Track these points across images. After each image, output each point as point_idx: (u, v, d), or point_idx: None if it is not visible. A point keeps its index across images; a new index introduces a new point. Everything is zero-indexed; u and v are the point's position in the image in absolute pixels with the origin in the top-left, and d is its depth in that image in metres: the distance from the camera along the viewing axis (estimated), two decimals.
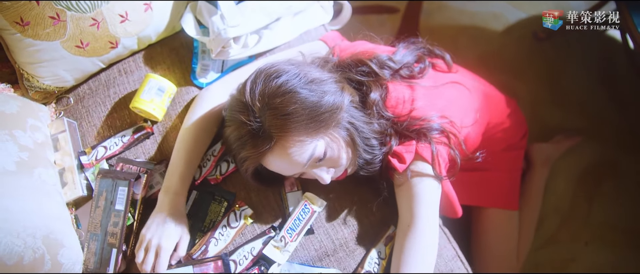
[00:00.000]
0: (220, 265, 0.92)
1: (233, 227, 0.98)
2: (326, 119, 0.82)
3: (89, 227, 0.97)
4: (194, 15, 1.14)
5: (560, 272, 1.52)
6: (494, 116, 1.21)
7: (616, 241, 1.54)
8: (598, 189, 1.60)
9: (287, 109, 0.80)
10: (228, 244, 0.97)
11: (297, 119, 0.80)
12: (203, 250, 0.95)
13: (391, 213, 1.03)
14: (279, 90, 0.81)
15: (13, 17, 0.96)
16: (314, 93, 0.82)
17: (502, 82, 1.66)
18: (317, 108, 0.81)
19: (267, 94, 0.82)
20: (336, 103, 0.83)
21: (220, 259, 0.93)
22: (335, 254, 0.99)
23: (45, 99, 1.11)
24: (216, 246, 0.96)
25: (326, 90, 0.83)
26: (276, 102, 0.81)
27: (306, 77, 0.83)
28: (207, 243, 0.96)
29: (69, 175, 1.01)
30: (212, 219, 1.00)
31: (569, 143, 1.59)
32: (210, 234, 0.97)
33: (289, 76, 0.83)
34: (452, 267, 1.03)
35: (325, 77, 0.86)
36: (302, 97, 0.81)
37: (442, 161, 0.93)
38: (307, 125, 0.81)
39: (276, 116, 0.80)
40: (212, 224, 0.99)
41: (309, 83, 0.83)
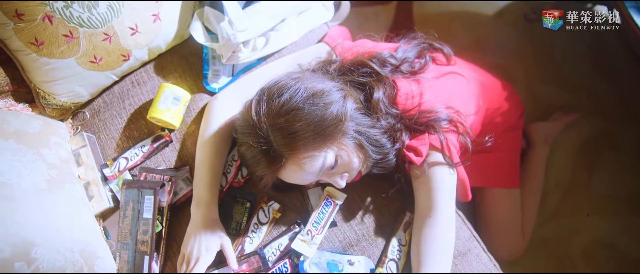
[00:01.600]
0: (258, 259, 0.97)
1: (263, 223, 1.03)
2: (332, 132, 0.85)
3: (118, 237, 1.00)
4: (202, 23, 1.16)
5: (565, 245, 1.58)
6: (492, 102, 1.25)
7: (617, 209, 1.60)
8: (597, 161, 1.66)
9: (292, 127, 0.83)
10: (263, 240, 1.02)
11: (303, 136, 0.83)
12: (240, 250, 1.00)
13: (407, 201, 1.07)
14: (282, 109, 0.84)
15: (28, 38, 0.98)
16: (316, 107, 0.84)
17: (498, 65, 1.72)
18: (321, 122, 0.84)
19: (272, 114, 0.85)
20: (340, 114, 0.86)
21: (257, 255, 0.97)
22: (359, 244, 1.04)
23: (62, 115, 1.13)
24: (251, 244, 1.00)
25: (329, 101, 0.86)
26: (281, 121, 0.84)
27: (308, 92, 0.86)
28: (242, 242, 1.00)
29: (94, 188, 1.04)
30: (238, 221, 1.03)
31: (567, 120, 1.65)
32: (244, 233, 1.01)
33: (291, 92, 0.86)
34: (469, 247, 1.08)
35: (328, 87, 0.89)
36: (306, 113, 0.84)
37: (453, 148, 0.97)
38: (314, 140, 0.84)
39: (283, 136, 0.84)
40: (238, 225, 1.03)
41: (311, 97, 0.85)
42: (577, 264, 1.55)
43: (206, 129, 1.02)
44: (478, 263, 1.06)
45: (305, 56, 1.08)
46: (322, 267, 0.97)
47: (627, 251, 1.55)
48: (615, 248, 1.56)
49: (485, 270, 1.05)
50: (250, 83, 1.05)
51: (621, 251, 1.55)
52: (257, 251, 0.98)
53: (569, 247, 1.58)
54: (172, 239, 1.04)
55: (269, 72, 1.06)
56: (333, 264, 0.98)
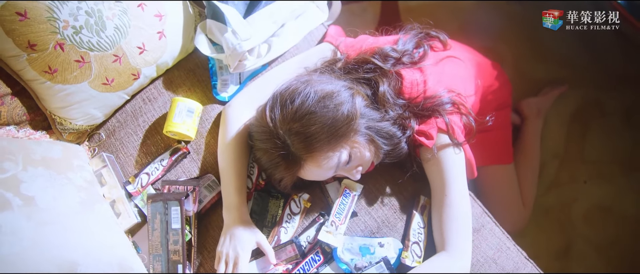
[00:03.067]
0: (294, 249, 1.03)
1: (296, 213, 1.08)
2: (345, 131, 0.91)
3: (150, 249, 1.03)
4: (206, 35, 1.19)
5: (567, 213, 1.66)
6: (485, 81, 1.31)
7: (611, 173, 1.68)
8: (588, 129, 1.73)
9: (308, 131, 0.89)
10: (296, 229, 1.07)
11: (319, 138, 0.89)
12: (276, 240, 1.05)
13: (420, 185, 1.12)
14: (296, 114, 0.89)
15: (41, 67, 1.01)
16: (328, 109, 0.90)
17: (485, 47, 1.78)
18: (334, 124, 0.89)
19: (287, 120, 0.90)
20: (351, 113, 0.91)
21: (293, 243, 1.03)
22: (380, 231, 1.09)
23: (78, 139, 1.15)
24: (286, 234, 1.06)
25: (339, 102, 0.91)
26: (296, 126, 0.89)
27: (318, 94, 0.91)
28: (278, 233, 1.06)
29: (120, 205, 1.07)
30: (273, 213, 1.09)
31: (556, 93, 1.72)
32: (279, 225, 1.07)
33: (303, 96, 0.91)
34: (482, 223, 1.14)
35: (336, 87, 0.94)
36: (319, 116, 0.89)
37: (457, 128, 1.03)
38: (329, 141, 0.90)
39: (300, 140, 0.89)
40: (273, 218, 1.08)
41: (322, 99, 0.90)
42: (579, 230, 1.63)
43: (225, 136, 1.05)
44: (492, 236, 1.12)
45: (311, 57, 1.12)
46: (354, 252, 1.03)
47: (626, 212, 1.63)
48: (614, 211, 1.64)
49: (500, 246, 1.11)
50: (261, 88, 1.10)
51: (620, 213, 1.63)
52: (293, 239, 1.04)
53: (570, 214, 1.66)
54: (201, 246, 1.08)
55: (277, 75, 1.10)
56: (365, 248, 1.03)
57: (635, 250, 1.59)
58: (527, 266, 1.10)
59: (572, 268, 1.59)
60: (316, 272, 1.03)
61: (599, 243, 1.62)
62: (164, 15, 1.14)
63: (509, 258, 1.10)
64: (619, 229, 1.62)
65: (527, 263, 1.10)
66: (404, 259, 1.03)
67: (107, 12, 1.04)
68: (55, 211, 0.85)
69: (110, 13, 1.04)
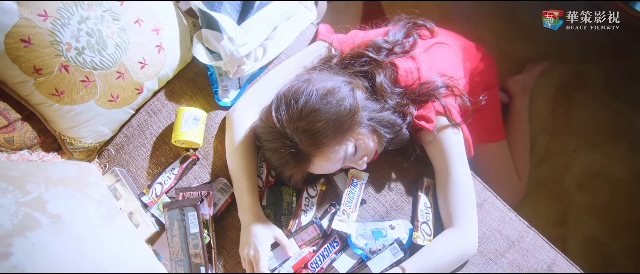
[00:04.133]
0: (316, 229, 1.09)
1: (313, 196, 1.13)
2: (349, 125, 0.96)
3: (171, 256, 1.07)
4: (202, 44, 1.23)
5: (560, 182, 1.73)
6: (472, 63, 1.37)
7: (598, 140, 1.76)
8: (572, 100, 1.81)
9: (314, 128, 0.93)
10: (315, 212, 1.13)
11: (325, 134, 0.93)
12: (297, 223, 1.10)
13: (422, 168, 1.17)
14: (302, 113, 0.94)
15: (48, 90, 1.03)
16: (331, 105, 0.94)
17: (467, 31, 1.83)
18: (339, 118, 0.94)
19: (293, 119, 0.94)
20: (353, 106, 0.96)
21: (314, 223, 1.08)
22: (389, 215, 1.14)
23: (88, 156, 1.18)
24: (306, 216, 1.11)
25: (341, 97, 0.95)
26: (303, 124, 0.94)
27: (320, 92, 0.95)
28: (299, 216, 1.11)
29: (138, 216, 1.10)
30: (288, 201, 1.13)
31: (538, 69, 1.79)
32: (298, 209, 1.12)
33: (306, 95, 0.95)
34: (484, 197, 1.19)
35: (336, 83, 0.98)
36: (324, 112, 0.93)
37: (454, 110, 1.08)
38: (335, 136, 0.94)
39: (307, 137, 0.94)
40: (289, 205, 1.13)
41: (324, 96, 0.95)
42: (573, 197, 1.70)
43: (233, 139, 1.09)
44: (495, 210, 1.18)
45: (307, 56, 1.16)
46: (368, 237, 1.08)
47: (615, 175, 1.71)
48: (604, 175, 1.72)
49: (503, 217, 1.16)
50: (262, 90, 1.14)
51: (609, 177, 1.71)
52: (313, 220, 1.09)
53: (564, 183, 1.73)
54: (221, 247, 1.12)
55: (276, 77, 1.15)
56: (377, 232, 1.08)
57: (628, 211, 1.67)
58: (530, 234, 1.16)
59: (571, 233, 1.67)
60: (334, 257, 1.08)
61: (593, 207, 1.69)
62: (160, 28, 1.17)
63: (512, 227, 1.15)
64: (610, 193, 1.70)
65: (530, 231, 1.16)
66: (415, 239, 1.08)
67: (107, 30, 1.07)
68: (80, 226, 0.88)
69: (109, 32, 1.07)
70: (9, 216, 0.78)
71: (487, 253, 1.12)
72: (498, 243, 1.13)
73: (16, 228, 0.77)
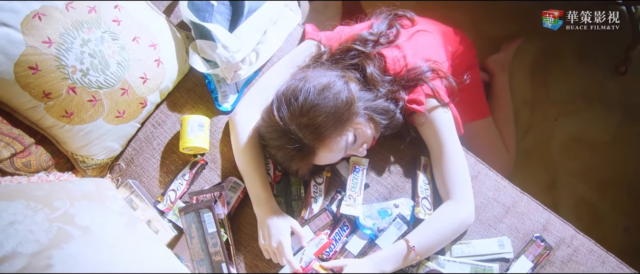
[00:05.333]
0: (328, 216, 1.16)
1: (320, 183, 1.20)
2: (347, 116, 1.03)
3: (192, 257, 1.13)
4: (198, 54, 1.29)
5: (546, 150, 1.82)
6: (452, 46, 1.45)
7: (576, 108, 1.86)
8: (549, 72, 1.91)
9: (316, 122, 1.00)
10: (325, 200, 1.20)
11: (326, 126, 1.00)
12: (309, 210, 1.17)
13: (418, 148, 1.25)
14: (303, 110, 1.00)
15: (59, 112, 1.08)
16: (329, 100, 1.01)
17: (444, 16, 1.92)
18: (337, 111, 1.01)
19: (295, 116, 1.01)
20: (349, 98, 1.03)
21: (325, 210, 1.16)
22: (392, 195, 1.21)
23: (101, 173, 1.23)
24: (316, 203, 1.18)
25: (337, 91, 1.02)
26: (305, 120, 1.00)
27: (317, 88, 1.02)
28: (309, 204, 1.18)
29: (156, 223, 1.15)
30: (297, 187, 1.21)
31: (514, 46, 1.89)
32: (307, 197, 1.19)
33: (304, 93, 1.01)
34: (477, 170, 1.28)
35: (331, 79, 1.05)
36: (322, 107, 1.00)
37: (441, 91, 1.16)
38: (335, 128, 1.01)
39: (310, 131, 1.01)
40: (298, 191, 1.20)
41: (321, 91, 1.01)
42: (560, 163, 1.80)
43: (238, 140, 1.15)
44: (489, 180, 1.26)
45: (298, 56, 1.23)
46: (375, 217, 1.15)
47: (595, 139, 1.82)
48: (585, 140, 1.82)
49: (497, 186, 1.24)
50: (260, 92, 1.20)
51: (590, 141, 1.82)
52: (325, 207, 1.16)
53: (549, 150, 1.83)
54: (238, 243, 1.18)
55: (271, 78, 1.21)
56: (383, 211, 1.16)
57: (610, 170, 1.78)
58: (523, 199, 1.24)
59: (561, 197, 1.77)
60: (346, 240, 1.15)
61: (579, 171, 1.79)
62: (157, 44, 1.23)
63: (507, 194, 1.24)
64: (592, 155, 1.80)
65: (523, 196, 1.24)
66: (417, 214, 1.15)
67: (108, 50, 1.12)
68: (108, 235, 0.94)
69: (110, 51, 1.12)
70: (44, 231, 0.83)
71: (485, 220, 1.20)
72: (495, 210, 1.21)
73: (52, 242, 0.82)
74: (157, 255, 1.02)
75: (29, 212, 0.85)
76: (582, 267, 1.15)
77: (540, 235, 1.17)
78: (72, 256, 0.82)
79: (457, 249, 1.16)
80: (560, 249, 1.17)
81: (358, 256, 1.14)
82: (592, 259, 1.16)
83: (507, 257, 1.16)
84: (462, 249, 1.16)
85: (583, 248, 1.18)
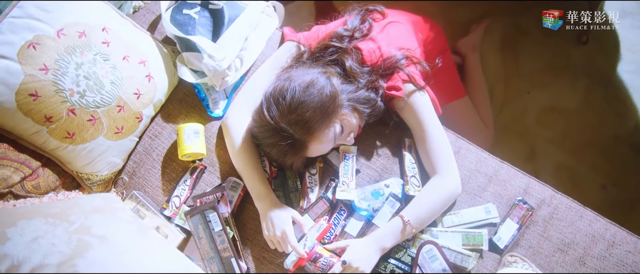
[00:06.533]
0: (325, 203, 1.24)
1: (314, 174, 1.28)
2: (333, 109, 1.11)
3: (202, 256, 1.20)
4: (186, 66, 1.35)
5: (522, 122, 1.93)
6: (423, 34, 1.55)
7: (545, 79, 1.97)
8: (517, 49, 2.02)
9: (305, 117, 1.08)
10: (320, 189, 1.27)
11: (315, 120, 1.08)
12: (307, 200, 1.25)
13: (402, 131, 1.34)
14: (291, 107, 1.08)
15: (61, 134, 1.14)
16: (314, 95, 1.08)
17: (413, 6, 2.02)
18: (323, 105, 1.09)
19: (285, 114, 1.09)
20: (333, 92, 1.11)
21: (322, 198, 1.23)
22: (382, 177, 1.30)
23: (106, 188, 1.29)
24: (313, 193, 1.26)
25: (320, 87, 1.10)
26: (294, 117, 1.08)
27: (301, 86, 1.09)
28: (306, 194, 1.26)
29: (165, 229, 1.22)
30: (293, 180, 1.29)
31: (482, 27, 2.00)
32: (304, 188, 1.27)
33: (291, 91, 1.09)
34: (458, 145, 1.37)
35: (314, 75, 1.12)
36: (309, 103, 1.08)
37: (416, 75, 1.25)
38: (323, 121, 1.09)
39: (300, 127, 1.09)
40: (295, 184, 1.28)
41: (306, 88, 1.09)
42: (536, 133, 1.91)
43: (233, 142, 1.23)
44: (470, 153, 1.35)
45: (281, 57, 1.31)
46: (368, 199, 1.24)
47: (566, 106, 1.93)
48: (557, 108, 1.93)
49: (478, 158, 1.34)
50: (248, 95, 1.27)
51: (562, 109, 1.93)
52: (321, 195, 1.25)
53: (525, 122, 1.94)
54: (244, 237, 1.26)
55: (257, 81, 1.28)
56: (376, 192, 1.24)
57: (583, 134, 1.89)
58: (503, 167, 1.33)
59: (541, 165, 1.87)
60: (344, 224, 1.23)
61: (555, 139, 1.90)
62: (146, 60, 1.29)
63: (487, 165, 1.33)
64: (566, 122, 1.92)
65: (503, 165, 1.34)
66: (408, 191, 1.24)
67: (101, 71, 1.18)
68: (123, 242, 1.00)
69: (103, 72, 1.19)
70: (66, 243, 0.89)
71: (471, 190, 1.29)
72: (478, 180, 1.31)
73: (74, 251, 0.88)
74: (170, 257, 1.09)
75: (49, 227, 0.91)
76: (562, 223, 1.25)
77: (522, 198, 1.27)
78: (94, 262, 0.88)
79: (448, 220, 1.25)
80: (542, 209, 1.27)
81: (357, 236, 1.22)
82: (571, 214, 1.26)
83: (494, 222, 1.25)
84: (452, 220, 1.25)
85: (562, 206, 1.27)
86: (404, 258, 1.20)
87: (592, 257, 1.21)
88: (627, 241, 1.23)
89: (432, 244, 1.19)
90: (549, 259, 1.22)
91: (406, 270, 1.19)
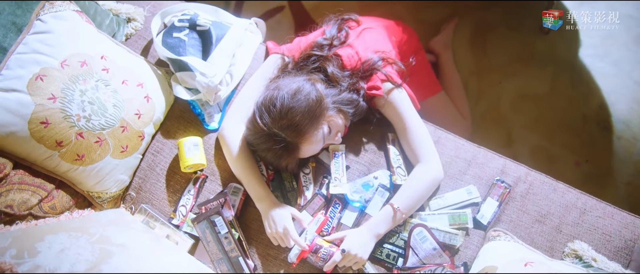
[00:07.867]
0: (321, 199, 1.33)
1: (307, 173, 1.38)
2: (320, 112, 1.21)
3: (211, 258, 1.29)
4: (180, 85, 1.45)
5: (497, 111, 2.06)
6: (396, 37, 1.67)
7: (515, 69, 2.11)
8: (486, 43, 2.16)
9: (294, 122, 1.18)
10: (315, 186, 1.38)
11: (304, 124, 1.19)
12: (303, 198, 1.35)
13: (385, 127, 1.45)
14: (281, 113, 1.18)
15: (72, 157, 1.23)
16: (301, 101, 1.19)
17: (385, 12, 2.15)
18: (310, 109, 1.19)
19: (276, 120, 1.19)
20: (318, 97, 1.21)
21: (317, 195, 1.34)
22: (370, 170, 1.41)
23: (115, 204, 1.38)
24: (308, 190, 1.36)
25: (306, 93, 1.20)
26: (285, 122, 1.18)
27: (289, 94, 1.19)
28: (302, 192, 1.36)
29: (174, 236, 1.31)
30: (289, 181, 1.39)
31: (451, 26, 2.13)
32: (300, 187, 1.37)
33: (280, 99, 1.19)
34: (438, 135, 1.48)
35: (300, 83, 1.23)
36: (297, 108, 1.18)
37: (393, 75, 1.37)
38: (311, 123, 1.20)
39: (291, 130, 1.19)
40: (291, 184, 1.38)
41: (294, 95, 1.19)
42: (511, 120, 2.04)
43: (231, 151, 1.33)
44: (449, 141, 1.47)
45: (267, 69, 1.42)
46: (360, 191, 1.34)
47: (536, 92, 2.06)
48: (529, 95, 2.07)
49: (456, 145, 1.45)
50: (240, 106, 1.38)
51: (533, 95, 2.07)
52: (317, 192, 1.35)
53: (500, 111, 2.07)
54: (249, 237, 1.35)
55: (248, 93, 1.39)
56: (366, 185, 1.35)
57: (554, 116, 2.02)
58: (481, 152, 1.45)
59: (520, 150, 2.00)
60: (340, 216, 1.34)
61: (529, 123, 2.04)
62: (143, 82, 1.39)
63: (466, 150, 1.45)
64: (537, 107, 2.05)
65: (480, 150, 1.46)
66: (395, 180, 1.35)
67: (103, 96, 1.28)
68: (140, 249, 1.09)
69: (105, 96, 1.28)
70: (90, 252, 0.98)
71: (452, 175, 1.41)
72: (459, 165, 1.42)
73: (98, 259, 0.97)
74: (182, 261, 1.18)
75: (73, 240, 1.00)
76: (538, 197, 1.37)
77: (500, 178, 1.39)
78: (118, 268, 0.98)
79: (434, 204, 1.36)
80: (518, 186, 1.39)
81: (353, 226, 1.33)
82: (545, 188, 1.38)
83: (476, 201, 1.37)
84: (438, 203, 1.36)
85: (536, 182, 1.39)
86: (397, 241, 1.31)
87: (567, 224, 1.33)
88: (597, 208, 1.35)
89: (422, 227, 1.30)
90: (528, 230, 1.33)
91: (400, 253, 1.30)
